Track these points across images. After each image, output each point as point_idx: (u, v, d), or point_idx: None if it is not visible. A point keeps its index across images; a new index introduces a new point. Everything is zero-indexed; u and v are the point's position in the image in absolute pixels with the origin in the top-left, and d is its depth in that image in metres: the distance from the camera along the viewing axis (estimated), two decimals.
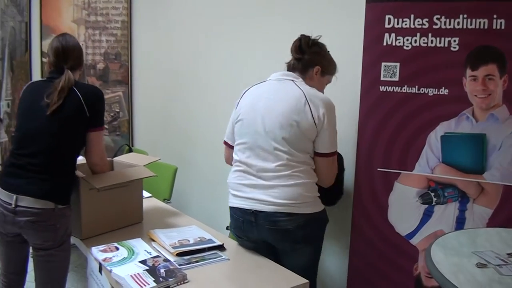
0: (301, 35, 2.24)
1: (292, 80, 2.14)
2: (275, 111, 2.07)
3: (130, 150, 3.98)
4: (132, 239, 2.19)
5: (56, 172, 2.07)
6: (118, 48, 4.78)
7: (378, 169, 2.34)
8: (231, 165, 2.29)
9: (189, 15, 4.06)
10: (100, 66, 4.87)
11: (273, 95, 2.13)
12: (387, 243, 2.35)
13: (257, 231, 2.09)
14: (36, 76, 5.18)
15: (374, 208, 2.37)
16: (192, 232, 2.25)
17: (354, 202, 2.43)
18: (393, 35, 2.25)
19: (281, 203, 2.01)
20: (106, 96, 4.82)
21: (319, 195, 2.12)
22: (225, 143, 2.37)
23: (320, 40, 2.25)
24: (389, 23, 2.25)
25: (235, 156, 2.21)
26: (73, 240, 2.33)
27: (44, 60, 5.09)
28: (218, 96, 3.70)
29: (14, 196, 2.00)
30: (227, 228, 2.69)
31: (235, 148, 2.22)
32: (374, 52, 2.30)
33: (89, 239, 2.24)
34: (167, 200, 3.17)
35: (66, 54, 2.17)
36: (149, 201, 2.84)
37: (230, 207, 2.21)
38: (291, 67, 2.23)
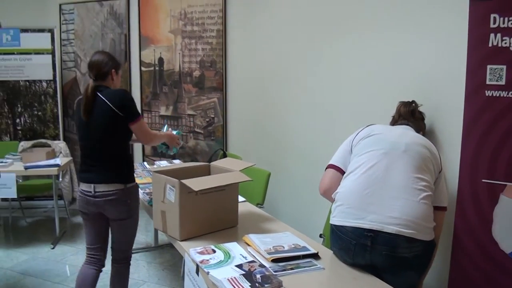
0: (413, 101, 2.47)
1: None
2: (413, 134, 2.23)
3: (225, 155, 4.06)
4: (228, 242, 2.22)
5: (115, 163, 2.63)
6: (213, 56, 4.92)
7: (483, 180, 2.19)
8: (328, 196, 2.29)
9: (282, 24, 4.08)
10: (196, 73, 5.04)
11: (406, 129, 2.31)
12: (489, 261, 2.19)
13: (370, 257, 1.98)
14: (136, 84, 5.47)
15: (477, 221, 2.23)
16: (286, 239, 2.24)
17: (457, 214, 2.30)
18: (499, 35, 2.10)
19: (405, 220, 1.92)
20: (201, 103, 5.03)
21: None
22: (333, 166, 2.32)
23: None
24: (494, 23, 2.11)
25: (356, 164, 2.15)
26: (169, 240, 2.42)
27: (143, 69, 5.37)
28: (310, 105, 3.68)
29: (92, 185, 2.60)
30: (320, 236, 2.67)
31: (360, 157, 2.16)
32: (479, 54, 2.17)
33: (186, 241, 2.31)
34: (260, 204, 3.20)
35: (90, 68, 2.65)
36: (243, 206, 2.88)
37: (338, 226, 2.08)
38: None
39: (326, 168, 2.35)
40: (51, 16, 5.76)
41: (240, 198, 2.88)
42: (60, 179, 5.12)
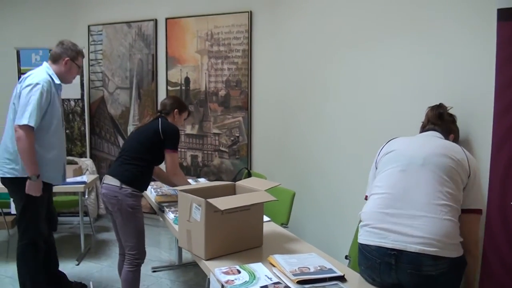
0: (440, 103, 2.40)
1: (442, 138, 2.25)
2: (435, 145, 2.14)
3: (249, 174, 4.06)
4: (253, 263, 2.21)
5: (132, 166, 3.03)
6: (239, 75, 4.98)
7: None
8: None
9: (307, 44, 4.11)
10: (222, 93, 5.10)
11: (428, 137, 2.26)
12: None
13: (396, 275, 1.96)
14: None
15: (507, 247, 2.16)
16: (312, 260, 2.21)
17: (485, 238, 2.24)
18: None
19: (428, 239, 1.88)
20: (226, 122, 5.08)
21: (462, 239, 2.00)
22: (367, 198, 2.32)
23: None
24: None
25: (377, 183, 2.16)
26: (194, 259, 2.42)
27: (169, 88, 5.45)
28: (335, 124, 3.67)
29: (104, 176, 3.09)
30: (346, 258, 2.63)
31: (380, 176, 2.17)
32: (507, 74, 2.12)
33: (211, 260, 2.30)
34: (284, 224, 3.18)
35: (160, 105, 3.41)
36: (268, 225, 2.86)
37: (365, 245, 2.07)
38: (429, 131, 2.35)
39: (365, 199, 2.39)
40: (80, 37, 5.90)
41: (265, 218, 2.87)
42: (86, 196, 5.18)
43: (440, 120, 2.35)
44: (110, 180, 3.01)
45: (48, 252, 3.43)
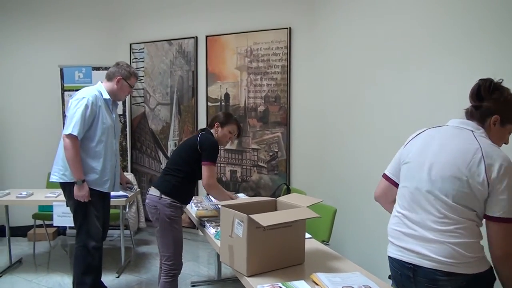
0: (480, 79, 2.00)
1: (472, 131, 1.95)
2: (444, 161, 1.92)
3: (288, 189, 4.05)
4: (295, 280, 2.19)
5: (174, 178, 3.15)
6: (278, 91, 5.00)
7: None
8: (380, 203, 2.35)
9: (347, 60, 4.09)
10: (261, 108, 5.13)
11: (447, 143, 1.96)
12: None
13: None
14: (202, 119, 5.60)
15: None
16: (356, 279, 2.17)
17: None
18: None
19: (440, 260, 1.86)
20: (265, 137, 5.09)
21: (483, 254, 1.91)
22: (385, 176, 2.28)
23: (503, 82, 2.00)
24: None
25: (397, 200, 2.14)
26: (236, 275, 2.42)
27: (209, 104, 5.51)
28: (374, 140, 3.63)
29: (149, 188, 3.22)
30: (389, 277, 2.58)
31: (398, 191, 2.14)
32: None
33: (252, 277, 2.29)
34: (325, 242, 3.15)
35: (209, 120, 3.75)
36: (309, 242, 2.83)
37: (389, 257, 2.12)
38: (469, 115, 2.03)
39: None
40: (122, 54, 6.05)
41: (306, 235, 2.85)
42: (127, 210, 5.27)
43: (478, 101, 1.98)
44: (152, 191, 3.16)
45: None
